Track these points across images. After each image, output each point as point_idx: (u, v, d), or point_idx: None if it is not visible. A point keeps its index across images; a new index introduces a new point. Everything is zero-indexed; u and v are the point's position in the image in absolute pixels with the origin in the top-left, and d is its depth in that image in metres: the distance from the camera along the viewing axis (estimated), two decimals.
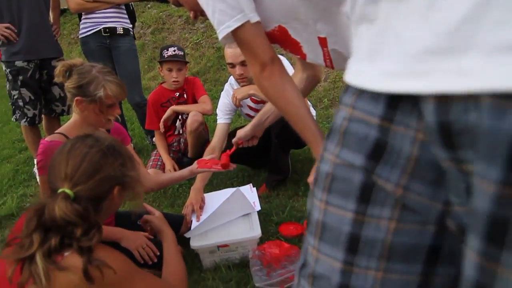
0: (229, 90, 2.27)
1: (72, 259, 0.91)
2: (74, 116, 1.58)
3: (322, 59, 1.07)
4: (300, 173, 2.24)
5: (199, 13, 1.10)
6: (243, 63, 2.02)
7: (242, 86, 2.17)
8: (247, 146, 2.02)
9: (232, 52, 2.02)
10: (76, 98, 1.50)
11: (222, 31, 0.95)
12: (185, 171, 1.76)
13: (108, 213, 1.13)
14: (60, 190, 0.97)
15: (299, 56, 1.11)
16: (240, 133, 1.61)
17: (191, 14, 1.14)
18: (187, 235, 1.65)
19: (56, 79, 1.53)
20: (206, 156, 2.01)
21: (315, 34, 1.01)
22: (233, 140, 1.63)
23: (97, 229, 0.96)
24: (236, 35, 0.96)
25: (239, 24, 0.93)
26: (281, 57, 1.73)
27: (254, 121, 1.56)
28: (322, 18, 0.97)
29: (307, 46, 1.06)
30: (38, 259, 0.89)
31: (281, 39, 1.07)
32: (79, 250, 0.91)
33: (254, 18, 0.95)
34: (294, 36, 1.04)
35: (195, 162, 1.75)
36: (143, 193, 1.19)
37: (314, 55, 1.07)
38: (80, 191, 0.98)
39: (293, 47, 1.08)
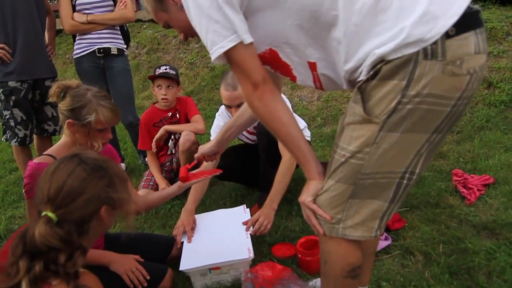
0: (224, 113, 2.28)
1: None
2: (64, 138, 1.56)
3: (312, 81, 1.08)
4: (294, 192, 2.23)
5: (189, 35, 1.10)
6: (239, 105, 2.01)
7: None
8: (232, 164, 2.09)
9: (229, 95, 2.02)
10: (67, 120, 1.48)
11: (215, 52, 0.95)
12: (173, 187, 1.73)
13: (97, 234, 1.09)
14: (43, 214, 0.95)
15: (288, 78, 1.11)
16: (203, 148, 1.62)
17: (181, 36, 1.15)
18: (182, 268, 1.61)
19: (50, 99, 1.51)
20: None
21: (305, 58, 1.02)
22: (195, 155, 1.63)
23: (80, 251, 0.93)
24: (229, 55, 0.96)
25: (232, 44, 0.93)
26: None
27: (218, 136, 1.59)
28: (312, 43, 0.98)
29: (297, 69, 1.06)
30: (24, 287, 0.86)
31: (271, 61, 1.08)
32: (66, 276, 0.88)
33: (248, 39, 0.95)
34: (284, 59, 1.05)
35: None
36: (133, 213, 1.15)
37: (304, 77, 1.08)
38: (64, 214, 0.95)
39: (283, 69, 1.09)
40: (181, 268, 1.59)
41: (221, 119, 2.28)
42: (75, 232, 0.95)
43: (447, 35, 0.82)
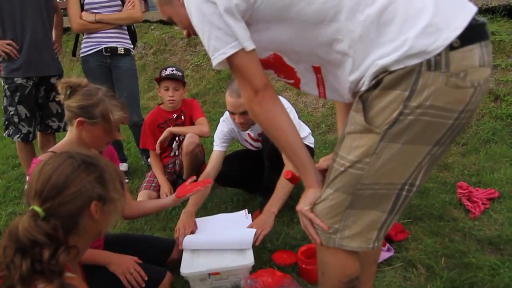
0: (228, 119, 2.26)
1: None
2: (70, 135, 1.55)
3: (316, 84, 1.08)
4: (296, 199, 2.18)
5: (192, 32, 1.10)
6: (243, 113, 2.00)
7: (242, 130, 2.20)
8: (234, 170, 2.17)
9: (233, 102, 2.01)
10: (78, 118, 1.47)
11: (217, 58, 0.95)
12: (168, 199, 1.75)
13: (91, 234, 1.05)
14: (30, 208, 0.93)
15: (292, 81, 1.11)
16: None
17: (184, 33, 1.14)
18: (182, 272, 1.60)
19: (62, 101, 1.50)
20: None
21: (310, 63, 1.03)
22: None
23: (64, 248, 0.91)
24: (230, 61, 0.96)
25: (234, 51, 0.93)
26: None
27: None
28: (317, 54, 0.98)
29: (301, 72, 1.07)
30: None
31: (275, 65, 1.07)
32: (50, 274, 0.86)
33: (249, 46, 0.95)
34: (289, 63, 1.05)
35: (177, 189, 1.74)
36: (121, 214, 1.12)
37: (307, 79, 1.08)
38: (50, 208, 0.93)
39: (287, 73, 1.09)
40: (181, 272, 1.57)
41: (225, 125, 2.27)
42: (62, 227, 0.92)
43: (451, 47, 0.81)
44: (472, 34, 0.83)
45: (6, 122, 2.68)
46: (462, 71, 0.82)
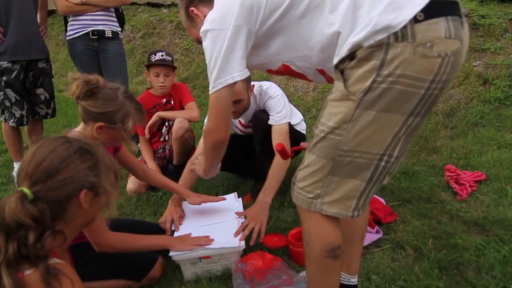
0: None
1: (32, 279, 0.84)
2: (85, 132, 1.49)
3: (326, 81, 1.22)
4: (286, 183, 2.21)
5: None
6: (234, 102, 1.96)
7: (233, 118, 2.17)
8: (230, 154, 2.08)
9: None
10: (98, 123, 1.43)
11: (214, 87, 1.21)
12: (181, 190, 1.91)
13: (79, 222, 1.03)
14: (19, 189, 0.91)
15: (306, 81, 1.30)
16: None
17: None
18: (172, 254, 1.58)
19: (73, 97, 1.43)
20: (189, 165, 1.99)
21: (313, 67, 1.14)
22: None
23: (50, 233, 0.90)
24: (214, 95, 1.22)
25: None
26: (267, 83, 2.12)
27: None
28: (317, 53, 1.09)
29: (311, 75, 1.21)
30: (3, 272, 0.83)
31: (287, 73, 1.23)
32: (36, 259, 0.86)
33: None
34: (297, 70, 1.19)
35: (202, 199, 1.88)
36: (114, 203, 1.10)
37: (318, 79, 1.23)
38: (39, 191, 0.92)
39: (299, 76, 1.24)
40: (171, 254, 1.58)
41: None
42: (49, 212, 0.91)
43: (415, 20, 0.87)
44: (436, 9, 0.87)
45: (1, 107, 2.66)
46: (428, 41, 0.87)
